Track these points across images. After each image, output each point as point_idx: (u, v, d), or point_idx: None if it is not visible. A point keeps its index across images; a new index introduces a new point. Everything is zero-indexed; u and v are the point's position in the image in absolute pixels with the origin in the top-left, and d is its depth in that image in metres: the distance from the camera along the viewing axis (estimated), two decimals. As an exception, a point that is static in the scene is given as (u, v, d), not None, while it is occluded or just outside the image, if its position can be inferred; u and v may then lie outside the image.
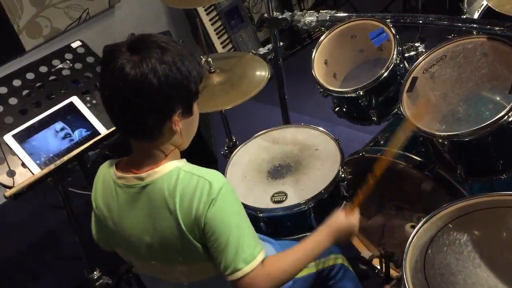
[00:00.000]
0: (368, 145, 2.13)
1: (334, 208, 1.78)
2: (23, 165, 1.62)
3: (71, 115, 1.74)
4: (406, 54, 1.85)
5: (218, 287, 1.34)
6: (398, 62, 1.77)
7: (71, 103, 1.76)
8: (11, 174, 1.59)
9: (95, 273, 2.03)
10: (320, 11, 2.15)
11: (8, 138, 1.64)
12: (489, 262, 1.27)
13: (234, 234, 1.18)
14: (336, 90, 1.87)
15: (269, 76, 2.14)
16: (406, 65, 1.84)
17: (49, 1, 2.91)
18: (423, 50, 1.83)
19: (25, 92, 1.76)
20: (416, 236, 1.34)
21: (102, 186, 1.32)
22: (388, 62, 1.76)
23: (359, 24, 1.96)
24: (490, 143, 1.52)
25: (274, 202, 1.76)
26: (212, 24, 3.52)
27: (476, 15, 2.08)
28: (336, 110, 1.99)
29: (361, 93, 1.78)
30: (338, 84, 2.00)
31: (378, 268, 1.98)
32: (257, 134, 2.07)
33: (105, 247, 1.43)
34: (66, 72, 1.84)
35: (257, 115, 3.24)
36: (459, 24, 1.86)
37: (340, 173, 1.78)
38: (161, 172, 1.21)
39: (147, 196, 1.22)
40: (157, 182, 1.21)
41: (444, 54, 1.73)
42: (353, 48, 2.01)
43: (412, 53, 1.85)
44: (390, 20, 1.88)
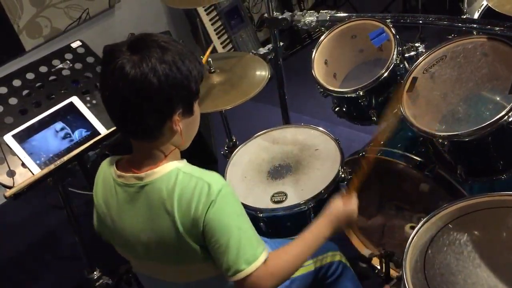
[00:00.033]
0: (368, 145, 2.13)
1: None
2: (23, 165, 1.62)
3: (71, 115, 1.74)
4: (406, 54, 1.85)
5: (217, 287, 1.34)
6: (398, 62, 1.77)
7: (71, 103, 1.76)
8: (11, 174, 1.59)
9: (95, 273, 2.03)
10: (320, 11, 2.14)
11: (8, 138, 1.64)
12: (489, 262, 1.27)
13: (234, 236, 1.17)
14: (336, 90, 1.87)
15: (269, 76, 2.13)
16: (406, 65, 1.84)
17: (49, 1, 2.90)
18: (423, 50, 1.83)
19: (25, 92, 1.76)
20: (416, 236, 1.34)
21: (102, 183, 1.32)
22: (388, 62, 1.76)
23: (359, 24, 1.96)
24: (490, 143, 1.52)
25: (274, 202, 1.76)
26: (212, 24, 3.51)
27: (476, 15, 2.08)
28: (336, 110, 1.99)
29: (361, 93, 1.78)
30: (338, 84, 2.00)
31: (378, 268, 1.98)
32: (257, 134, 2.07)
33: (105, 239, 1.42)
34: (66, 72, 1.84)
35: (257, 115, 3.24)
36: (459, 24, 1.86)
37: (340, 173, 1.78)
38: (160, 172, 1.21)
39: (146, 196, 1.22)
40: (155, 183, 1.21)
41: (444, 54, 1.73)
42: (353, 48, 2.01)
43: (412, 53, 1.85)
44: (390, 20, 1.88)
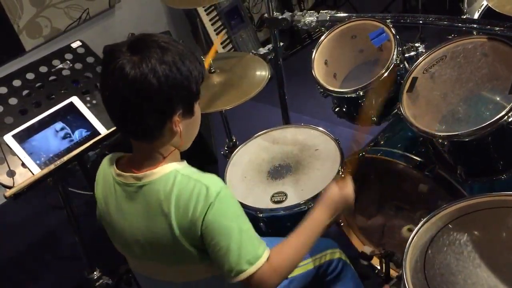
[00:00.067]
0: (368, 145, 2.13)
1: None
2: (23, 165, 1.62)
3: (71, 115, 1.74)
4: (406, 54, 1.85)
5: (216, 287, 1.34)
6: (398, 62, 1.77)
7: (71, 103, 1.76)
8: (11, 174, 1.59)
9: (95, 273, 2.03)
10: (320, 11, 2.14)
11: (8, 138, 1.64)
12: (489, 262, 1.27)
13: (235, 237, 1.17)
14: (336, 90, 1.87)
15: (269, 76, 2.13)
16: (406, 65, 1.84)
17: (49, 1, 2.90)
18: (423, 51, 1.83)
19: (25, 92, 1.76)
20: (416, 236, 1.34)
21: (102, 180, 1.33)
22: (388, 62, 1.76)
23: (359, 24, 1.96)
24: (490, 143, 1.52)
25: (274, 202, 1.76)
26: (212, 24, 3.51)
27: (476, 15, 2.08)
28: (336, 110, 1.99)
29: (361, 93, 1.78)
30: (338, 84, 2.00)
31: (378, 268, 1.98)
32: (257, 134, 2.07)
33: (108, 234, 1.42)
34: (66, 72, 1.84)
35: (257, 115, 3.24)
36: (459, 24, 1.86)
37: (340, 173, 1.78)
38: (158, 173, 1.21)
39: (143, 196, 1.22)
40: (153, 184, 1.21)
41: (444, 54, 1.73)
42: (353, 48, 2.01)
43: (412, 53, 1.85)
44: (390, 20, 1.88)
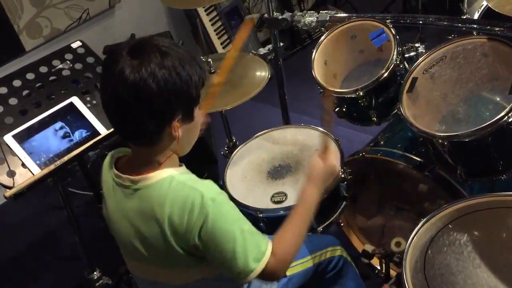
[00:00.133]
0: (368, 145, 2.13)
1: (334, 208, 1.81)
2: (23, 165, 1.62)
3: (71, 116, 1.74)
4: (406, 55, 1.85)
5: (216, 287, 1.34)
6: (398, 62, 1.77)
7: (71, 104, 1.76)
8: (11, 174, 1.59)
9: (95, 273, 2.03)
10: (320, 12, 2.14)
11: (8, 138, 1.64)
12: (489, 262, 1.27)
13: (239, 240, 1.17)
14: (336, 90, 1.87)
15: (269, 76, 2.14)
16: (406, 65, 1.84)
17: (49, 1, 2.90)
18: (423, 51, 1.83)
19: (25, 92, 1.75)
20: (416, 236, 1.34)
21: (104, 177, 1.34)
22: (388, 62, 1.76)
23: (359, 24, 1.96)
24: (490, 144, 1.52)
25: (274, 202, 1.76)
26: (212, 24, 3.51)
27: (476, 16, 2.09)
28: (336, 110, 1.99)
29: (361, 93, 1.78)
30: (338, 84, 2.00)
31: (378, 268, 1.98)
32: (257, 134, 2.07)
33: None
34: (66, 72, 1.84)
35: (257, 115, 3.24)
36: (459, 24, 1.86)
37: (340, 173, 1.78)
38: (154, 178, 1.20)
39: (139, 200, 1.22)
40: (148, 188, 1.20)
41: (444, 55, 1.73)
42: (353, 48, 2.01)
43: (412, 53, 1.85)
44: (390, 20, 1.88)
